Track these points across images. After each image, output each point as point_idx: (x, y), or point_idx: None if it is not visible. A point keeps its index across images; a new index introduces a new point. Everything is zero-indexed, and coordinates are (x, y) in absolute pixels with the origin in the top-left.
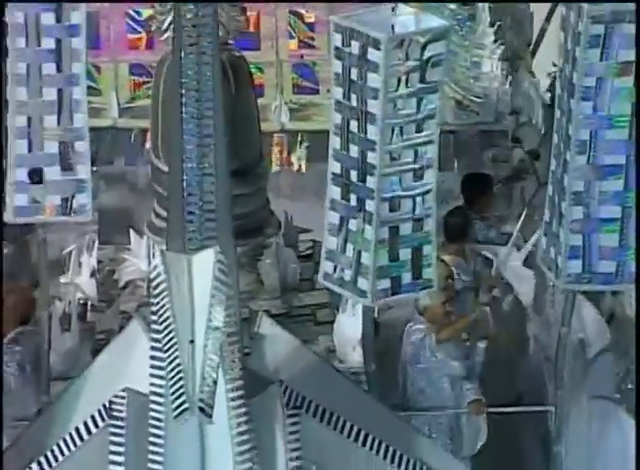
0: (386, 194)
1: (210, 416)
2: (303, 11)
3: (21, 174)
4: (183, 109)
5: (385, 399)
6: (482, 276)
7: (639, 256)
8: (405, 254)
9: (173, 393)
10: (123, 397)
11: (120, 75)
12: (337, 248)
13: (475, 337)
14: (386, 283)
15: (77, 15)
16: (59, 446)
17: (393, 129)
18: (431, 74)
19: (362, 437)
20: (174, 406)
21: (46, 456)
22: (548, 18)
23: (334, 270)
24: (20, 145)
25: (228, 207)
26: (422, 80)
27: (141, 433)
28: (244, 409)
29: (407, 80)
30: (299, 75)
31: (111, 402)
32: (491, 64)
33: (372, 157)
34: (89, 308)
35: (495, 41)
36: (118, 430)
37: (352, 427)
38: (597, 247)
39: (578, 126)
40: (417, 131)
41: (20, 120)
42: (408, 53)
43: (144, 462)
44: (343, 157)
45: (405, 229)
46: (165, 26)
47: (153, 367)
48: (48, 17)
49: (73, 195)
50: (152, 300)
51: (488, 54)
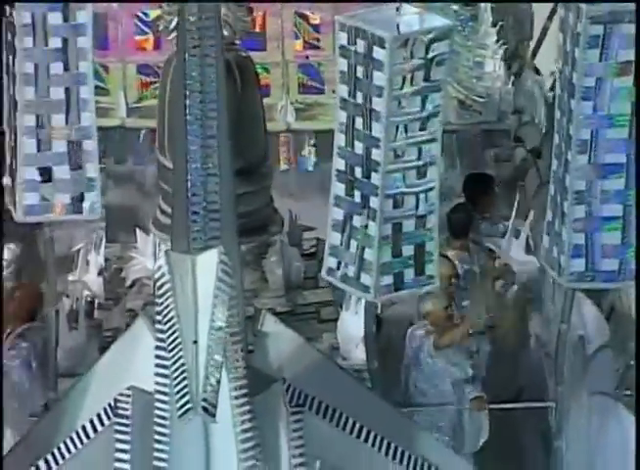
0: (389, 191)
1: (214, 416)
2: (309, 12)
3: (30, 173)
4: (187, 110)
5: (387, 396)
6: (487, 269)
7: (639, 253)
8: (408, 250)
9: (177, 392)
10: (129, 395)
11: (128, 76)
12: (340, 244)
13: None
14: (389, 279)
15: (84, 14)
16: (65, 444)
17: (398, 127)
18: (435, 73)
19: (365, 433)
20: (178, 406)
21: (53, 454)
22: (550, 16)
23: (337, 266)
24: (28, 144)
25: (232, 207)
26: (426, 79)
27: (146, 431)
28: (247, 407)
29: (412, 79)
30: (305, 75)
31: (116, 401)
32: (494, 63)
33: (376, 154)
34: (96, 306)
35: (497, 41)
36: (124, 428)
37: (355, 424)
38: (599, 245)
39: (579, 126)
40: (421, 129)
41: (28, 120)
42: (413, 52)
43: (149, 460)
44: (348, 154)
45: (408, 226)
46: (173, 26)
47: (157, 366)
48: (55, 16)
49: (83, 193)
50: (156, 300)
51: (491, 54)
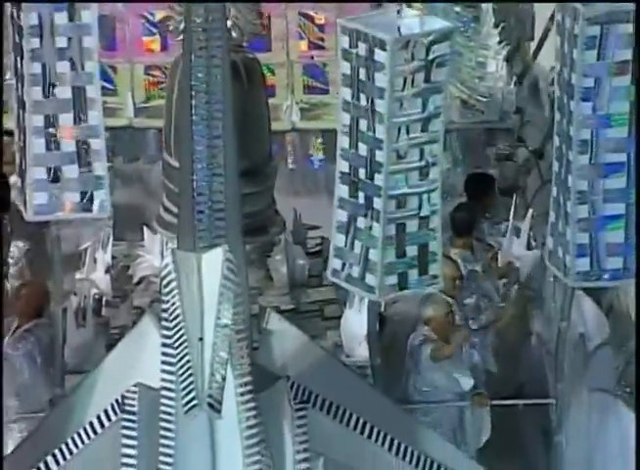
0: (393, 192)
1: (219, 412)
2: (313, 13)
3: (39, 173)
4: (193, 110)
5: (389, 393)
6: (490, 267)
7: (639, 252)
8: (412, 250)
9: (183, 389)
10: (135, 391)
11: (136, 76)
12: (345, 245)
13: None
14: (393, 279)
15: (88, 14)
16: (73, 440)
17: (400, 128)
18: (435, 75)
19: (368, 430)
20: (184, 402)
21: (61, 449)
22: (552, 17)
23: (342, 267)
24: (37, 144)
25: (237, 206)
26: (427, 80)
27: (152, 427)
28: (252, 404)
29: (413, 80)
30: (310, 76)
31: (123, 397)
32: (496, 64)
33: (380, 155)
34: (103, 304)
35: (500, 42)
36: (131, 424)
37: (358, 420)
38: (604, 244)
39: (579, 127)
40: (422, 130)
41: (36, 120)
42: (413, 54)
43: (155, 455)
44: (352, 155)
45: (412, 226)
46: (183, 27)
47: (164, 363)
48: (61, 16)
49: (92, 192)
50: (163, 297)
51: (493, 54)
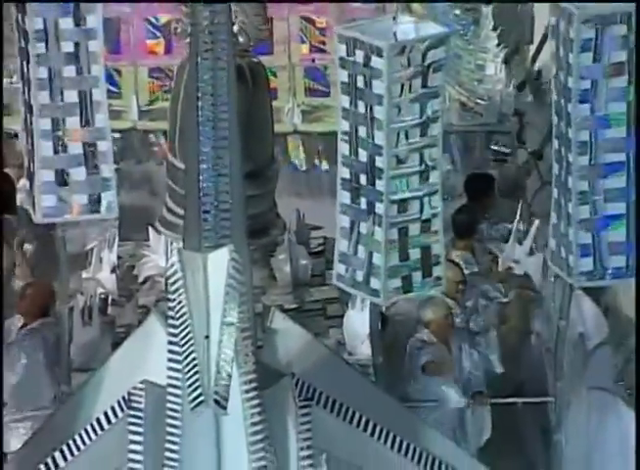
0: (394, 196)
1: (225, 408)
2: (315, 16)
3: (47, 176)
4: (199, 112)
5: (391, 391)
6: (490, 271)
7: (639, 251)
8: (415, 254)
9: (189, 386)
10: (142, 388)
11: (140, 79)
12: (349, 250)
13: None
14: (397, 282)
15: (93, 18)
16: (80, 436)
17: (399, 133)
18: (432, 80)
19: (370, 427)
20: (190, 399)
21: (68, 445)
22: None
23: (346, 272)
24: (45, 147)
25: (242, 206)
26: (424, 85)
27: (159, 423)
28: (257, 401)
29: (410, 86)
30: (311, 79)
31: (130, 394)
32: (495, 66)
33: (380, 161)
34: (109, 303)
35: (498, 45)
36: (137, 420)
37: (361, 417)
38: (606, 243)
39: (578, 128)
40: (421, 135)
41: (44, 123)
42: (410, 59)
43: (161, 451)
44: (353, 162)
45: (414, 230)
46: (190, 31)
47: (170, 361)
48: (66, 21)
49: (99, 193)
50: (169, 296)
51: (492, 57)
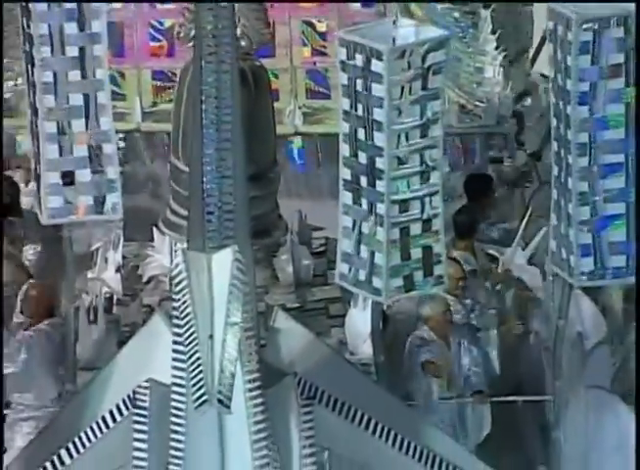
0: (395, 196)
1: (229, 407)
2: (316, 20)
3: (53, 177)
4: (203, 115)
5: (392, 390)
6: (490, 271)
7: (639, 253)
8: (416, 253)
9: (194, 385)
10: (147, 387)
11: (143, 81)
12: (351, 250)
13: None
14: (399, 281)
15: (98, 23)
16: (86, 433)
17: (399, 135)
18: (432, 82)
19: (372, 425)
20: (194, 398)
21: (74, 442)
22: None
23: (349, 271)
24: (51, 150)
25: (245, 208)
26: (424, 88)
27: (163, 422)
28: (260, 400)
29: (410, 88)
30: (312, 81)
31: (135, 393)
32: (493, 69)
33: (380, 162)
34: (114, 302)
35: (497, 48)
36: (142, 418)
37: (363, 416)
38: (607, 243)
39: (577, 130)
40: (422, 136)
41: (49, 126)
42: (410, 62)
43: (166, 449)
44: (353, 163)
45: (415, 229)
46: (193, 34)
47: (174, 360)
48: (71, 26)
49: (104, 195)
50: (173, 296)
51: (490, 60)
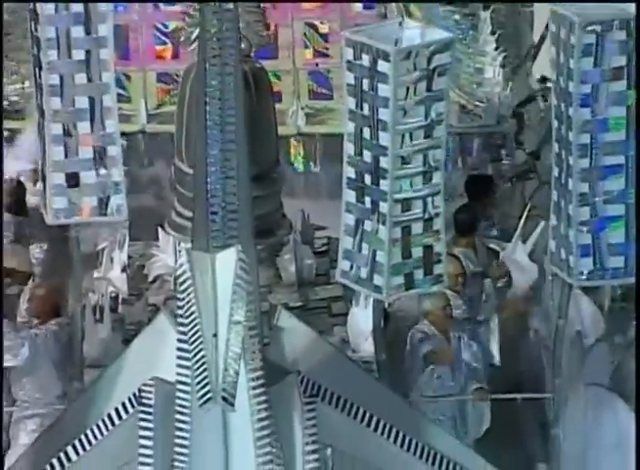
0: (398, 196)
1: (233, 405)
2: (318, 22)
3: (58, 179)
4: (207, 116)
5: (394, 387)
6: (490, 267)
7: (639, 253)
8: (417, 252)
9: (198, 383)
10: (152, 385)
11: (148, 84)
12: (353, 247)
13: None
14: (399, 279)
15: (105, 27)
16: (92, 431)
17: (403, 135)
18: (437, 83)
19: (374, 422)
20: (199, 396)
21: (80, 440)
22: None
23: (350, 268)
24: (56, 151)
25: (249, 208)
26: (429, 89)
27: (168, 419)
28: (264, 397)
29: (415, 89)
30: (315, 82)
31: (140, 391)
32: (493, 70)
33: (384, 161)
34: (120, 301)
35: (496, 49)
36: (147, 416)
37: (365, 413)
38: (606, 244)
39: (579, 132)
40: (425, 136)
41: (55, 128)
42: (415, 64)
43: (171, 446)
44: (358, 162)
45: (416, 229)
46: (194, 38)
47: (179, 358)
48: (78, 30)
49: (109, 196)
50: (178, 295)
51: (490, 61)
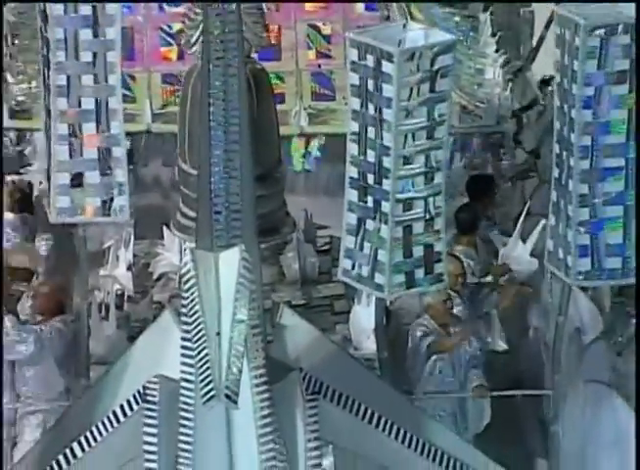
0: (400, 195)
1: (236, 402)
2: (320, 24)
3: (63, 178)
4: (211, 117)
5: (395, 384)
6: (492, 265)
7: (639, 253)
8: (418, 251)
9: (202, 380)
10: (156, 382)
11: (153, 84)
12: (355, 246)
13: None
14: (400, 278)
15: (112, 31)
16: (97, 428)
17: (406, 135)
18: (440, 85)
19: (375, 419)
20: (203, 393)
21: (86, 436)
22: (547, 26)
23: (352, 267)
24: (61, 151)
25: (252, 207)
26: (432, 90)
27: (172, 416)
28: (267, 395)
29: (418, 90)
30: (317, 83)
31: (145, 388)
32: (493, 71)
33: (387, 161)
34: (125, 299)
35: (496, 50)
36: (152, 413)
37: (366, 410)
38: (604, 244)
39: (580, 134)
40: (428, 137)
41: (61, 128)
42: (419, 65)
43: (175, 442)
44: (361, 162)
45: (418, 228)
46: (194, 41)
47: (183, 356)
48: (86, 32)
49: (112, 197)
50: (182, 294)
51: (490, 62)
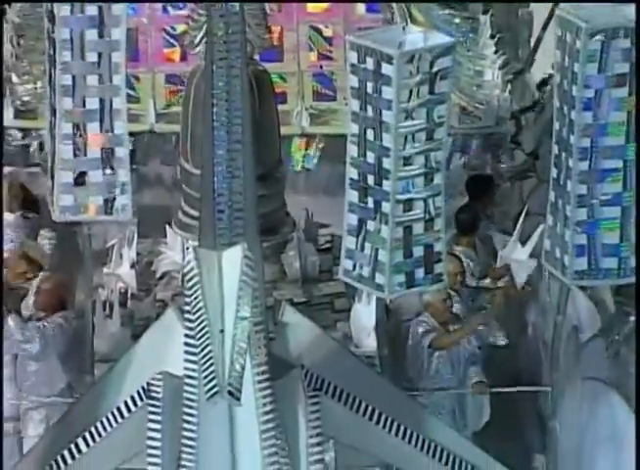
0: (400, 196)
1: (239, 399)
2: (322, 26)
3: (66, 177)
4: (214, 117)
5: (395, 381)
6: (489, 266)
7: (639, 253)
8: (418, 251)
9: (205, 377)
10: (160, 379)
11: (157, 85)
12: (356, 247)
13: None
14: (401, 278)
15: (118, 31)
16: (102, 423)
17: (406, 137)
18: (439, 86)
19: (376, 416)
20: (206, 390)
21: (90, 431)
22: (544, 27)
23: (353, 267)
24: (65, 150)
25: (254, 206)
26: (431, 92)
27: (176, 412)
28: (269, 391)
29: (418, 92)
30: (319, 84)
31: (149, 384)
32: (492, 72)
33: (387, 162)
34: (129, 297)
35: (495, 52)
36: (155, 409)
37: (367, 406)
38: (600, 244)
39: (580, 135)
40: (427, 138)
41: (66, 128)
42: (418, 67)
43: (179, 438)
44: (361, 163)
45: (418, 229)
46: (197, 41)
47: (186, 353)
48: (92, 32)
49: (115, 196)
50: (185, 292)
51: (489, 63)
